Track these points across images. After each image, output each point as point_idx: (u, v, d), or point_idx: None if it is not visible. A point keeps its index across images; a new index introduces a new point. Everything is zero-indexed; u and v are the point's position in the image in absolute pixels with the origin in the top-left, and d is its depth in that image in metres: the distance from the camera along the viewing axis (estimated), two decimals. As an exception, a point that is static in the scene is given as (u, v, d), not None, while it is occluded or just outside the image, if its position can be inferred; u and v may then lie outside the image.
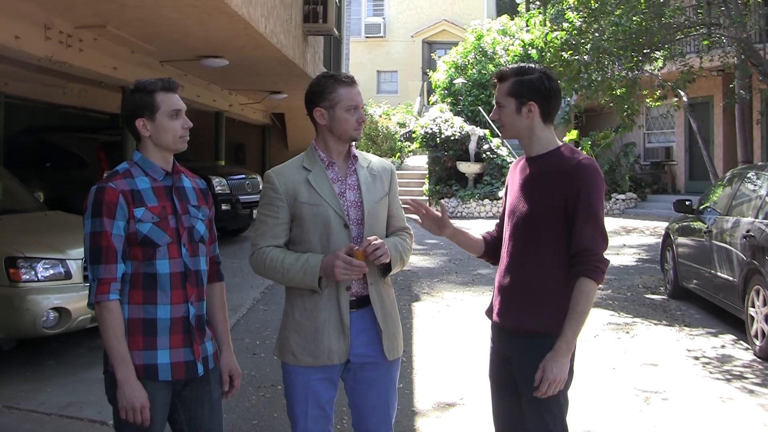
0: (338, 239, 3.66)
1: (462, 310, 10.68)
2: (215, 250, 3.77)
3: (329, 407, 3.80)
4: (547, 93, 3.62)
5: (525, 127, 3.64)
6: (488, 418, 3.98)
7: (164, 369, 3.40)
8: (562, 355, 3.45)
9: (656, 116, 25.30)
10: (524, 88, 3.60)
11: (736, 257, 8.91)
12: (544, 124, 3.66)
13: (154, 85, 3.46)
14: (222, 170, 17.39)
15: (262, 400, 6.87)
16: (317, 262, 3.59)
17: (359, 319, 3.73)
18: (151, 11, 9.48)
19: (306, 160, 3.79)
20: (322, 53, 17.80)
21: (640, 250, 16.46)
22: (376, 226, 3.78)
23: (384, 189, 3.86)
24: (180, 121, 3.49)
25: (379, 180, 3.85)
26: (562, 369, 3.44)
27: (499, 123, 3.71)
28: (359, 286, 3.73)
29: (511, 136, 3.72)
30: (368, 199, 3.75)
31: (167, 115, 3.45)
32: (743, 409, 6.69)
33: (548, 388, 3.43)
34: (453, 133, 25.28)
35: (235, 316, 9.97)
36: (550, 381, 3.43)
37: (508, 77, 3.64)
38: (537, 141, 3.66)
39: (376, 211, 3.78)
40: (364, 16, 44.02)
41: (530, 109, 3.60)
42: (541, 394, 3.46)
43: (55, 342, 8.21)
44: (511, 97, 3.62)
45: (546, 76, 3.64)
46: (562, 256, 3.54)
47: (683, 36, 16.51)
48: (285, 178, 3.73)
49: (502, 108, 3.66)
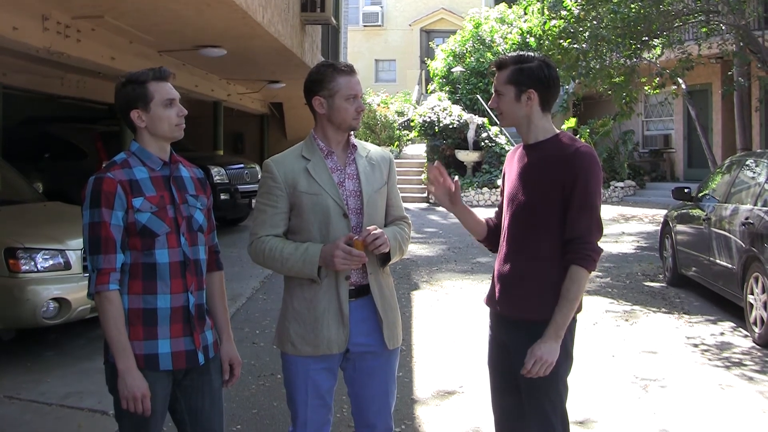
0: (337, 229, 3.65)
1: (461, 299, 10.68)
2: (214, 239, 3.77)
3: (329, 396, 3.81)
4: (547, 81, 3.62)
5: (524, 115, 3.64)
6: (488, 406, 3.99)
7: (165, 358, 3.41)
8: (550, 339, 3.47)
9: (655, 104, 25.27)
10: (524, 76, 3.60)
11: (735, 244, 8.92)
12: (543, 113, 3.66)
13: (146, 75, 3.45)
14: (220, 160, 17.38)
15: (262, 389, 6.88)
16: (316, 252, 3.58)
17: (358, 309, 3.73)
18: (149, 1, 9.45)
19: (305, 150, 3.78)
20: (320, 42, 17.77)
21: (639, 237, 16.48)
22: (375, 215, 3.77)
23: (383, 178, 3.85)
24: (174, 110, 3.48)
25: (378, 169, 3.84)
26: (551, 352, 3.45)
27: (498, 111, 3.71)
28: (358, 275, 3.73)
29: (509, 124, 3.72)
30: (367, 189, 3.74)
31: (161, 105, 3.44)
32: (742, 396, 6.70)
33: (534, 366, 3.44)
34: (451, 121, 25.28)
35: (234, 305, 9.98)
36: (536, 357, 3.43)
37: (508, 65, 3.63)
38: (535, 129, 3.66)
39: (374, 201, 3.77)
40: (362, 5, 43.91)
41: (530, 97, 3.60)
42: (526, 372, 3.47)
43: (55, 332, 8.22)
44: (510, 84, 3.62)
45: (545, 64, 3.64)
46: (561, 244, 3.55)
47: (681, 23, 16.47)
48: (284, 167, 3.71)
49: (501, 96, 3.65)
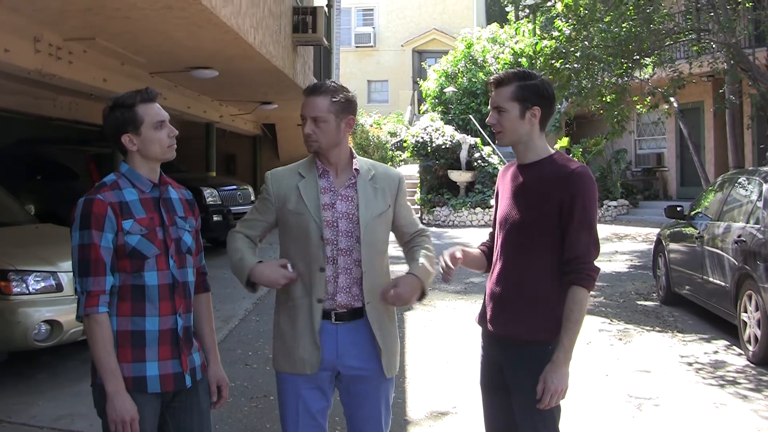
0: (313, 250, 3.68)
1: (455, 319, 10.66)
2: (201, 260, 3.75)
3: (321, 417, 3.79)
4: (549, 99, 3.62)
5: (525, 132, 3.61)
6: (481, 427, 3.97)
7: (153, 381, 3.38)
8: (561, 365, 3.45)
9: (647, 122, 25.34)
10: (529, 93, 3.57)
11: (727, 262, 8.92)
12: (541, 131, 3.66)
13: (133, 98, 3.41)
14: (213, 181, 17.37)
15: (255, 410, 6.85)
16: (250, 264, 3.65)
17: (350, 332, 3.72)
18: (140, 23, 9.47)
19: (303, 166, 3.82)
20: (312, 63, 17.81)
21: (633, 256, 16.48)
22: (375, 241, 3.75)
23: (386, 202, 3.81)
24: (165, 131, 3.45)
25: (381, 193, 3.80)
26: (563, 379, 3.44)
27: (498, 128, 3.65)
28: (349, 297, 3.72)
29: (508, 143, 3.68)
30: (366, 215, 3.72)
31: (152, 127, 3.41)
32: (736, 414, 6.69)
33: (551, 399, 3.43)
34: (444, 141, 25.31)
35: (227, 326, 9.95)
36: (552, 392, 3.42)
37: (511, 81, 3.60)
38: (533, 148, 3.65)
39: (374, 227, 3.74)
40: (354, 26, 44.09)
41: (534, 114, 3.59)
42: (544, 406, 3.45)
43: (47, 355, 8.18)
44: (515, 101, 3.58)
45: (547, 82, 3.65)
46: (555, 263, 3.54)
47: (672, 42, 16.54)
48: (279, 183, 3.78)
49: (504, 113, 3.60)
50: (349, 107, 3.74)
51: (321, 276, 3.67)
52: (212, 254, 16.44)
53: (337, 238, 3.69)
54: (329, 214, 3.70)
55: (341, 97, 3.71)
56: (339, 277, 3.70)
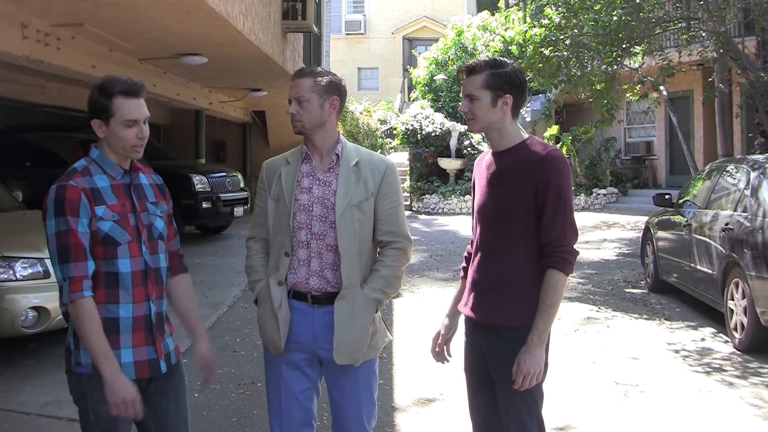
0: (284, 235, 3.75)
1: (442, 306, 10.60)
2: (177, 244, 3.73)
3: (306, 399, 3.82)
4: (521, 86, 3.63)
5: (497, 120, 3.63)
6: (467, 414, 3.98)
7: (128, 368, 3.36)
8: (534, 347, 3.48)
9: (637, 111, 25.40)
10: (501, 81, 3.59)
11: (715, 250, 8.95)
12: (513, 118, 3.67)
13: (113, 87, 3.35)
14: (202, 168, 17.33)
15: (242, 397, 6.85)
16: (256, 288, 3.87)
17: (327, 315, 3.72)
18: (128, 9, 9.44)
19: (292, 153, 3.89)
20: (302, 50, 17.79)
21: (621, 244, 16.53)
22: (351, 228, 3.71)
23: (368, 190, 3.76)
24: (134, 130, 3.38)
25: (363, 181, 3.76)
26: (537, 361, 3.47)
27: (470, 116, 3.67)
28: (321, 281, 3.74)
29: (480, 130, 3.71)
30: (342, 201, 3.70)
31: (122, 124, 3.35)
32: (722, 401, 6.72)
33: (524, 380, 3.46)
34: (434, 129, 25.31)
35: (215, 313, 9.95)
36: (524, 373, 3.45)
37: (482, 70, 3.61)
38: (506, 135, 3.66)
39: (350, 214, 3.71)
40: (345, 13, 44.07)
41: (506, 102, 3.60)
42: (518, 387, 3.48)
43: (34, 341, 8.16)
44: (487, 89, 3.59)
45: (518, 70, 3.66)
46: (534, 249, 3.56)
47: (662, 30, 16.56)
48: (269, 170, 3.88)
49: (476, 100, 3.62)
50: (332, 88, 3.76)
51: (285, 260, 3.74)
52: (202, 241, 16.29)
53: (311, 222, 3.72)
54: (305, 198, 3.73)
55: (324, 79, 3.75)
56: (312, 261, 3.73)
